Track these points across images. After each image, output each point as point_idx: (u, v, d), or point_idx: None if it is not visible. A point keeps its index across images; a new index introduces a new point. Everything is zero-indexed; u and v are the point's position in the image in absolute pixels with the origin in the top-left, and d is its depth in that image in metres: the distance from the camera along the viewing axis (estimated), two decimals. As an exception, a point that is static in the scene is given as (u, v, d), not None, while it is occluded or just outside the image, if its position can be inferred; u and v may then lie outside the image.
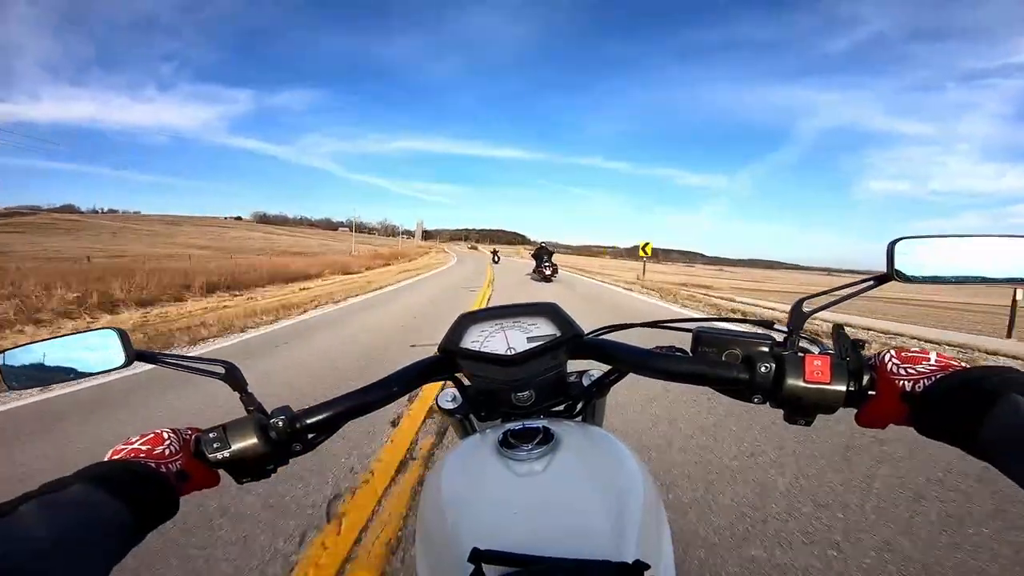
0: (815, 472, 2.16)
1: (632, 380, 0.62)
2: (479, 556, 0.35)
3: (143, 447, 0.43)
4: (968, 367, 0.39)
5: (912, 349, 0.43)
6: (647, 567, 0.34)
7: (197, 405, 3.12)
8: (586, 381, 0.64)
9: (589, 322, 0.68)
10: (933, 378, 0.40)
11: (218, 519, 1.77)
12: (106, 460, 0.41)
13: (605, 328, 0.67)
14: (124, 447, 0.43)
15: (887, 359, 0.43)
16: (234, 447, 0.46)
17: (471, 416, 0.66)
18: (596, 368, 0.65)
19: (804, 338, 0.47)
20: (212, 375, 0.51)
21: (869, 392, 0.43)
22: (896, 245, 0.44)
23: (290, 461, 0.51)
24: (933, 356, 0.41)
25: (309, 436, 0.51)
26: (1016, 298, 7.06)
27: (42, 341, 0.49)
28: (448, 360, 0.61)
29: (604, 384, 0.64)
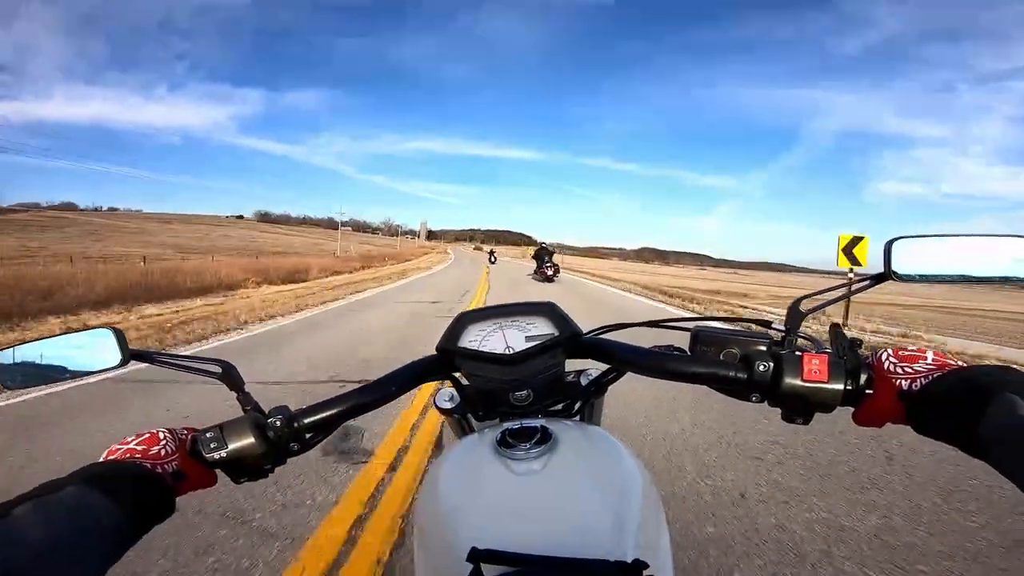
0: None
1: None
2: (478, 556, 0.35)
3: (139, 447, 0.43)
4: (965, 366, 0.39)
5: (909, 348, 0.43)
6: (646, 566, 0.34)
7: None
8: (584, 380, 0.64)
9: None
10: (930, 377, 0.40)
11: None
12: (102, 460, 0.41)
13: (603, 327, 0.67)
14: (120, 447, 0.43)
15: (884, 358, 0.43)
16: (231, 447, 0.46)
17: (469, 415, 0.66)
18: (594, 367, 0.64)
19: (802, 337, 0.47)
20: (209, 374, 0.50)
21: (866, 391, 0.43)
22: (893, 245, 0.44)
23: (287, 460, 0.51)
24: (930, 355, 0.42)
25: (307, 436, 0.51)
26: None
27: (38, 340, 0.49)
28: (446, 360, 0.61)
29: (602, 383, 0.64)
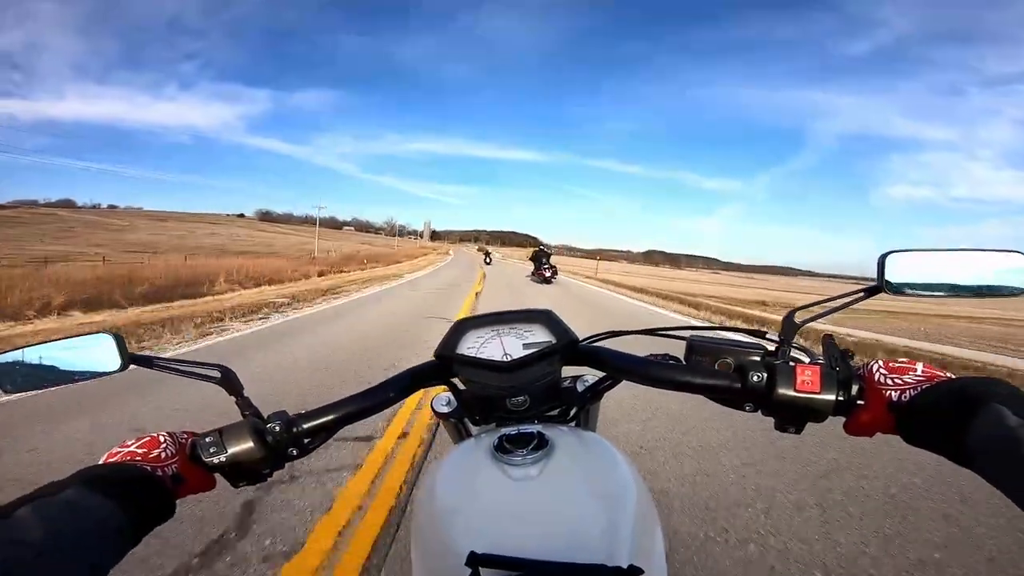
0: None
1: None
2: (476, 560, 0.35)
3: (139, 450, 0.43)
4: (953, 378, 0.40)
5: (900, 360, 0.44)
6: (641, 571, 0.34)
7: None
8: (580, 387, 0.65)
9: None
10: (919, 388, 0.41)
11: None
12: (102, 463, 0.41)
13: (599, 335, 0.68)
14: (120, 450, 0.43)
15: (875, 369, 0.44)
16: (230, 451, 0.46)
17: (465, 420, 0.66)
18: (590, 374, 0.65)
19: (795, 348, 0.48)
20: (208, 379, 0.51)
21: (858, 401, 0.44)
22: (886, 258, 0.45)
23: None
24: (920, 367, 0.42)
25: (305, 441, 0.51)
26: None
27: (37, 344, 0.49)
28: (444, 365, 0.61)
29: (598, 390, 0.64)
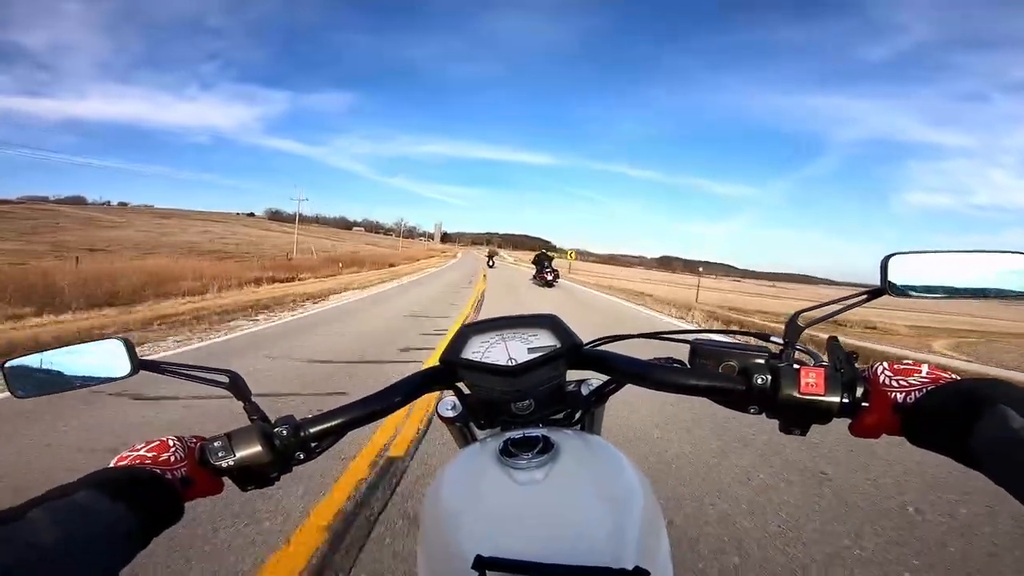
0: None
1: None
2: (483, 563, 0.35)
3: (148, 454, 0.43)
4: (958, 379, 0.40)
5: (905, 361, 0.44)
6: (647, 573, 0.35)
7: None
8: (585, 390, 0.65)
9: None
10: (924, 390, 0.41)
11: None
12: (112, 466, 0.42)
13: (604, 339, 0.68)
14: (129, 454, 0.44)
15: (880, 371, 0.44)
16: (238, 455, 0.47)
17: (471, 424, 0.66)
18: (595, 377, 0.65)
19: (800, 350, 0.48)
20: (216, 384, 0.51)
21: (862, 403, 0.44)
22: (890, 260, 0.45)
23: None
24: (924, 369, 0.42)
25: (312, 445, 0.52)
26: None
27: (49, 350, 0.49)
28: (449, 370, 0.61)
29: (602, 394, 0.64)
